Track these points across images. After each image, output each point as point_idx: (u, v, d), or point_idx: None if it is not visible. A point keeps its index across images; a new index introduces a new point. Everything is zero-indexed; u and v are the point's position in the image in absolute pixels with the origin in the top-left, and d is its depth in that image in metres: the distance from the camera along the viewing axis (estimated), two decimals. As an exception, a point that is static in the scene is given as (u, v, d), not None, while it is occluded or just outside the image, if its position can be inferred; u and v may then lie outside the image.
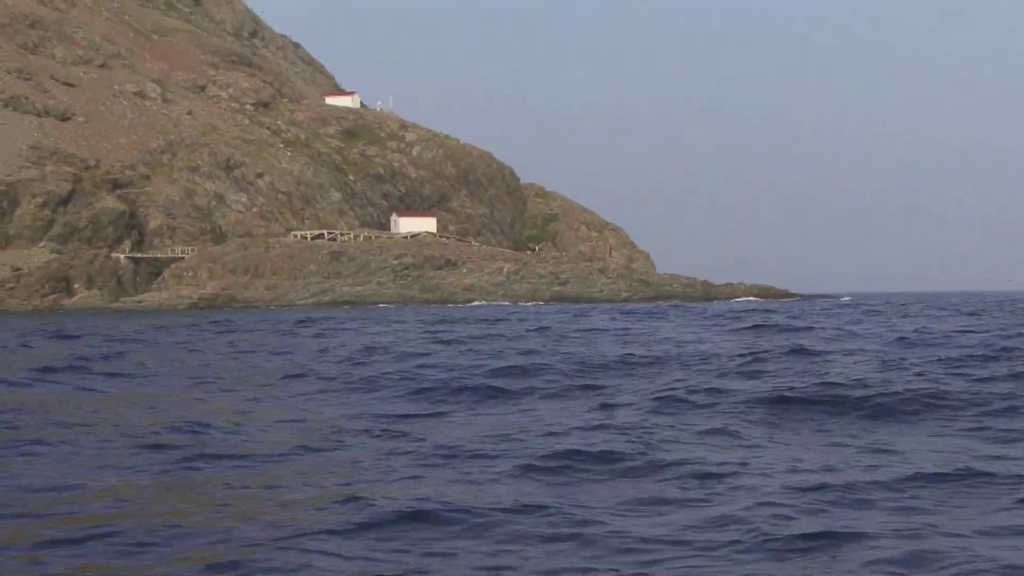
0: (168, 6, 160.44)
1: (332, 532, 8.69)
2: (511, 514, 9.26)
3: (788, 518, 9.14)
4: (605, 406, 16.80)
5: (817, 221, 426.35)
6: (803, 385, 17.97)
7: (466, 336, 37.51)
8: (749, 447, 12.94)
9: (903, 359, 23.95)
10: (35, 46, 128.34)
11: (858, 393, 16.81)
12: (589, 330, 41.00)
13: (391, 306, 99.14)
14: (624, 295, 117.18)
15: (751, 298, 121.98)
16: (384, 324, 52.26)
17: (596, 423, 14.83)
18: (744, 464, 11.58)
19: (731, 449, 12.78)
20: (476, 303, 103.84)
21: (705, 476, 10.97)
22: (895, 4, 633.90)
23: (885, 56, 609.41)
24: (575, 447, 12.54)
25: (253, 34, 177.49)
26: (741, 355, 25.17)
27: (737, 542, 8.45)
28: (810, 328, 39.78)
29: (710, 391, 18.02)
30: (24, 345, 34.69)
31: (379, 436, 13.91)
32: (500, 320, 55.56)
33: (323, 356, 28.86)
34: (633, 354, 26.26)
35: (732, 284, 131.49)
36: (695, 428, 14.40)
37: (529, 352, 28.10)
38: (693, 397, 17.38)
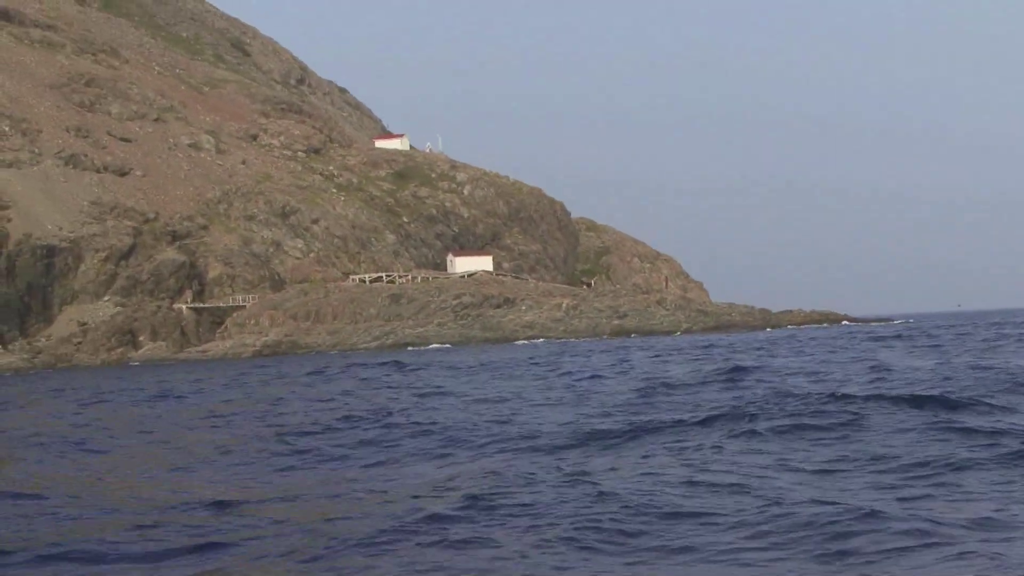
0: (217, 58, 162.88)
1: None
2: None
3: None
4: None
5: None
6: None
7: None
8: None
9: None
10: (92, 104, 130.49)
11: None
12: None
13: (474, 346, 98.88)
14: (684, 326, 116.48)
15: (813, 325, 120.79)
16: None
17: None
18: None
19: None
20: (540, 340, 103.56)
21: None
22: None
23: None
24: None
25: (300, 81, 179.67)
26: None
27: None
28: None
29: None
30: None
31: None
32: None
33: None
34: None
35: (791, 311, 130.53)
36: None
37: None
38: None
